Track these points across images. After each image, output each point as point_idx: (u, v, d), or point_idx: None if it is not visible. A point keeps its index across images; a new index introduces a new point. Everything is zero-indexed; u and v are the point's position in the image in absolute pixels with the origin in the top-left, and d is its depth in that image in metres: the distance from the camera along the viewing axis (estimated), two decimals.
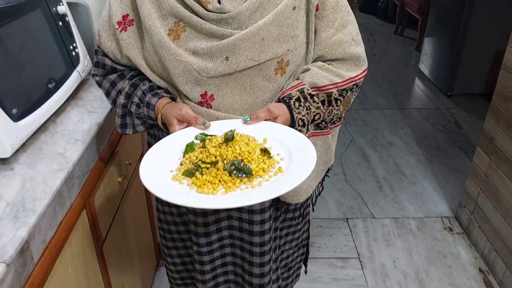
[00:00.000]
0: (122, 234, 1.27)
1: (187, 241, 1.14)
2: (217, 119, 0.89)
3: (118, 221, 1.23)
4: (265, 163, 0.78)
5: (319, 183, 1.09)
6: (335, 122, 0.99)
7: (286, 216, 1.11)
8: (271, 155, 0.80)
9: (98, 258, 1.09)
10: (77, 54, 1.19)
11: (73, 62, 1.17)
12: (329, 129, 0.97)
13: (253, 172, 0.75)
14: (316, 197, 1.13)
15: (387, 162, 2.59)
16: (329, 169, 1.09)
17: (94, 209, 1.04)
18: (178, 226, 1.12)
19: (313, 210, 1.19)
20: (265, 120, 0.88)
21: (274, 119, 0.88)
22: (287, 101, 0.88)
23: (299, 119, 0.89)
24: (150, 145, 1.09)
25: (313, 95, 0.90)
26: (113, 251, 1.19)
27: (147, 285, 1.63)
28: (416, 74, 3.93)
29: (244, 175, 0.74)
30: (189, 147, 0.81)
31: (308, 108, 0.89)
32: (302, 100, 0.88)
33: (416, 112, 3.24)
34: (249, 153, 0.78)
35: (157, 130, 1.02)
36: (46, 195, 0.81)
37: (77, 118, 1.09)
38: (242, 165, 0.75)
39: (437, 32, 3.62)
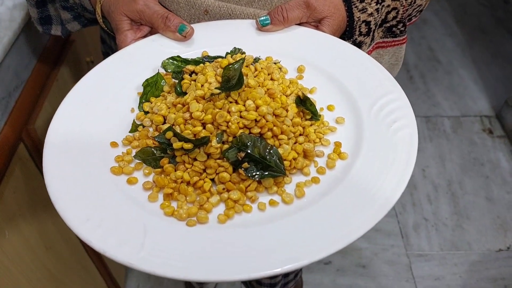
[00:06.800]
0: None
1: None
2: (207, 14, 0.49)
3: None
4: (308, 138, 0.38)
5: None
6: (412, 18, 0.59)
7: None
8: (318, 116, 0.41)
9: None
10: None
11: None
12: (406, 34, 0.57)
13: (286, 163, 0.36)
14: None
15: (419, 46, 2.17)
16: None
17: (37, 139, 0.71)
18: None
19: None
20: (300, 23, 0.49)
21: (317, 23, 0.49)
22: None
23: (363, 21, 0.49)
24: (104, 42, 0.70)
25: None
26: None
27: None
28: None
29: (267, 174, 0.35)
30: (151, 88, 0.41)
31: None
32: None
33: None
34: (277, 116, 0.38)
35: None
36: None
37: None
38: (262, 148, 0.35)
39: None
